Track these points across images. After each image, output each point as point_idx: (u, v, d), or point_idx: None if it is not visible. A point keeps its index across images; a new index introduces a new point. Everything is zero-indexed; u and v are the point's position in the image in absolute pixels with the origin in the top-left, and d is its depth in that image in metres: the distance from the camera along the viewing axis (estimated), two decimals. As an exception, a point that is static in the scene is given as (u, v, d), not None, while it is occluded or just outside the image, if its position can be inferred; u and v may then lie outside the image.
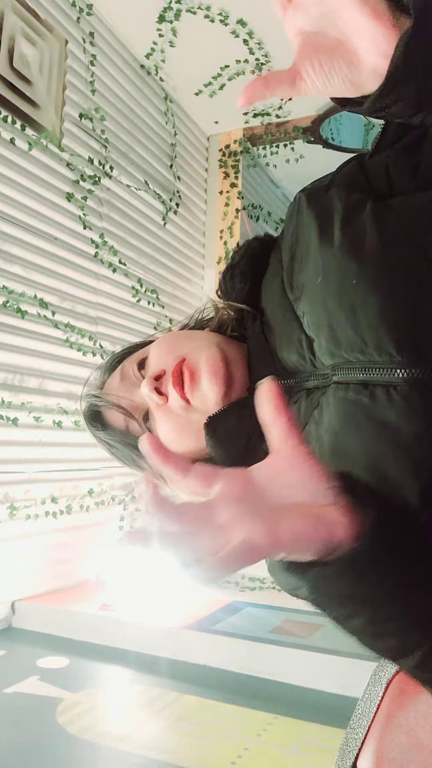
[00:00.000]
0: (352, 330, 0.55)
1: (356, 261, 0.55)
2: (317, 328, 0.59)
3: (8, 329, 2.00)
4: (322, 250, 0.59)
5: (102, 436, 0.78)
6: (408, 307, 0.53)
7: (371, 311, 0.53)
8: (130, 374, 0.75)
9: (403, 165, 0.59)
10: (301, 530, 0.39)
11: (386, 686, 0.62)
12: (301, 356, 0.63)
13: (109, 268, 2.48)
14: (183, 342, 0.73)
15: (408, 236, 0.54)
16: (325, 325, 0.58)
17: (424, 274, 0.53)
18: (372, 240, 0.55)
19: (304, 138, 3.13)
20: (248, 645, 1.68)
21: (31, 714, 1.37)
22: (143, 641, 1.78)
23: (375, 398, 0.54)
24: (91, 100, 2.42)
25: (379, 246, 0.54)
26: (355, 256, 0.55)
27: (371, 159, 0.63)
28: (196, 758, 1.21)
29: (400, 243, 0.54)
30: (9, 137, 2.00)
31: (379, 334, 0.53)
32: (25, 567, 2.06)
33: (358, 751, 0.61)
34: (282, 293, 0.66)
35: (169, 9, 2.45)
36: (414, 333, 0.52)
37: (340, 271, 0.56)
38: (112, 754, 1.22)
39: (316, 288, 0.59)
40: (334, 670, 1.53)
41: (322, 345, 0.59)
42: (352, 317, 0.55)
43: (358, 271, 0.55)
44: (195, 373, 0.68)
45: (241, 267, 0.75)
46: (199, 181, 3.28)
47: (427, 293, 0.52)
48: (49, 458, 2.16)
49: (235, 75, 2.79)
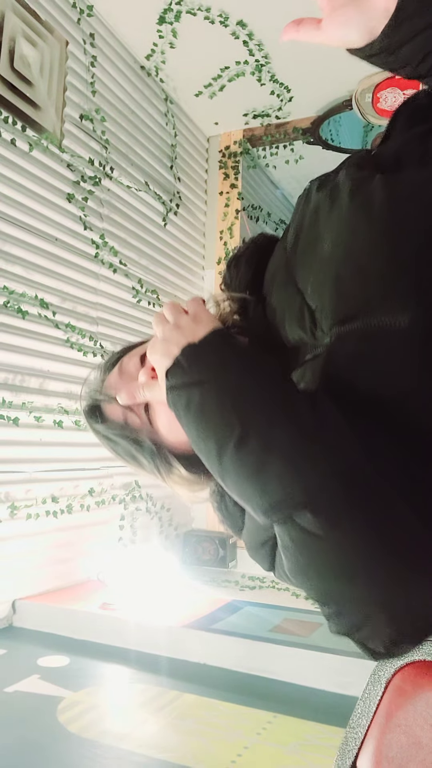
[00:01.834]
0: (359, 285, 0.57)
1: (365, 220, 0.57)
2: (320, 291, 0.61)
3: (9, 329, 2.01)
4: (331, 218, 0.61)
5: (101, 430, 0.79)
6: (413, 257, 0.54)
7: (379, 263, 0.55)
8: (130, 368, 0.76)
9: (411, 149, 0.61)
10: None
11: (386, 685, 0.63)
12: (302, 328, 0.64)
13: (110, 268, 2.49)
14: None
15: (415, 199, 0.56)
16: (330, 285, 0.59)
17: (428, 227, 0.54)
18: (379, 200, 0.57)
19: (304, 139, 3.14)
20: (248, 644, 1.69)
21: (32, 713, 1.38)
22: (143, 640, 1.78)
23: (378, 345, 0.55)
24: (92, 101, 2.42)
25: (387, 204, 0.56)
26: (364, 214, 0.57)
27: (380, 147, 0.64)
28: (196, 756, 1.21)
29: (407, 205, 0.56)
30: (10, 138, 2.01)
31: (386, 282, 0.55)
32: (26, 566, 2.07)
33: (358, 750, 0.61)
34: (285, 270, 0.67)
35: (170, 10, 2.46)
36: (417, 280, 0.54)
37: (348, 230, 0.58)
38: (113, 753, 1.22)
39: (321, 254, 0.61)
40: (333, 669, 1.54)
41: (325, 307, 0.60)
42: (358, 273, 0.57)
43: (366, 228, 0.57)
44: None
45: (247, 256, 0.77)
46: (199, 182, 3.28)
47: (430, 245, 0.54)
48: (49, 458, 2.16)
49: (235, 76, 2.79)
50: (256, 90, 2.90)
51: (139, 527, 2.61)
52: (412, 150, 0.61)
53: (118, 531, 2.49)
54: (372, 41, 0.53)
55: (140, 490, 2.63)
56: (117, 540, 2.49)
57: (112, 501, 2.45)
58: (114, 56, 2.58)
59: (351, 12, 0.53)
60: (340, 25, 0.54)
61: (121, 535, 2.50)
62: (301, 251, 0.65)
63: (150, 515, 2.70)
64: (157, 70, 2.79)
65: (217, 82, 2.84)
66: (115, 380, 0.77)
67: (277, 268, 0.69)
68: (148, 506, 2.68)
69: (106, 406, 0.78)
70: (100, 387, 0.80)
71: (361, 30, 0.53)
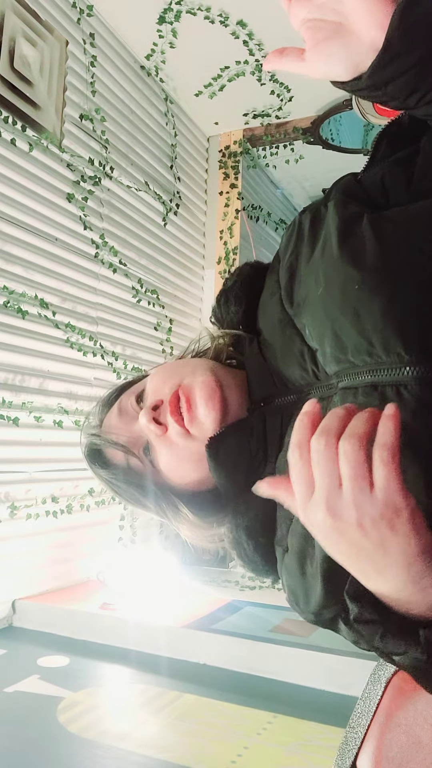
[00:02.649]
0: (357, 333, 0.55)
1: (357, 268, 0.55)
2: (320, 337, 0.59)
3: (9, 329, 2.01)
4: (323, 262, 0.59)
5: (104, 475, 0.76)
6: (412, 306, 0.53)
7: (376, 313, 0.54)
8: (128, 408, 0.74)
9: (396, 177, 0.60)
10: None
11: (386, 685, 0.63)
12: (304, 369, 0.63)
13: (110, 268, 2.49)
14: (178, 370, 0.72)
15: (406, 243, 0.55)
16: (329, 333, 0.58)
17: (426, 276, 0.53)
18: (371, 248, 0.55)
19: (304, 139, 3.13)
20: (248, 644, 1.69)
21: (32, 713, 1.38)
22: (143, 640, 1.78)
23: (386, 399, 0.53)
24: (92, 101, 2.42)
25: (379, 253, 0.55)
26: (356, 263, 0.56)
27: (366, 173, 0.63)
28: (196, 757, 1.21)
29: (399, 250, 0.55)
30: (10, 138, 2.00)
31: (386, 334, 0.53)
32: (26, 566, 2.07)
33: (358, 750, 0.61)
34: (281, 310, 0.66)
35: (170, 10, 2.46)
36: (420, 331, 0.53)
37: (342, 279, 0.57)
38: (113, 753, 1.22)
39: (317, 299, 0.59)
40: (333, 669, 1.54)
41: (326, 353, 0.59)
42: (357, 321, 0.55)
43: (359, 277, 0.55)
44: (191, 399, 0.67)
45: (236, 291, 0.75)
46: (199, 181, 3.28)
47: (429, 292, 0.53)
48: (49, 458, 2.16)
49: (235, 76, 2.79)
50: (256, 90, 2.90)
51: (139, 527, 2.61)
52: (396, 178, 0.60)
53: (118, 531, 2.49)
54: (359, 76, 0.51)
55: (140, 490, 2.62)
56: (117, 540, 2.49)
57: (112, 501, 2.45)
58: (114, 56, 2.58)
59: (336, 46, 0.50)
60: (324, 58, 0.51)
61: (121, 535, 2.50)
62: (296, 288, 0.64)
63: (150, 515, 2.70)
64: (157, 70, 2.79)
65: (217, 81, 2.84)
66: (114, 421, 0.75)
67: (272, 309, 0.68)
68: (148, 506, 2.68)
69: (107, 450, 0.76)
70: (99, 428, 0.78)
71: (346, 65, 0.51)
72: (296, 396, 0.64)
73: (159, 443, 0.70)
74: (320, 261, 0.60)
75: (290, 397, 0.65)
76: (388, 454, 0.41)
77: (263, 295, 0.72)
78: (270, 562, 0.67)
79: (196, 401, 0.67)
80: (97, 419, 0.79)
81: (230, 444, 0.66)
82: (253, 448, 0.65)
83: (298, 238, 0.65)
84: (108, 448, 0.75)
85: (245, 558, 0.69)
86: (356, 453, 0.42)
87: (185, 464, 0.70)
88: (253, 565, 0.69)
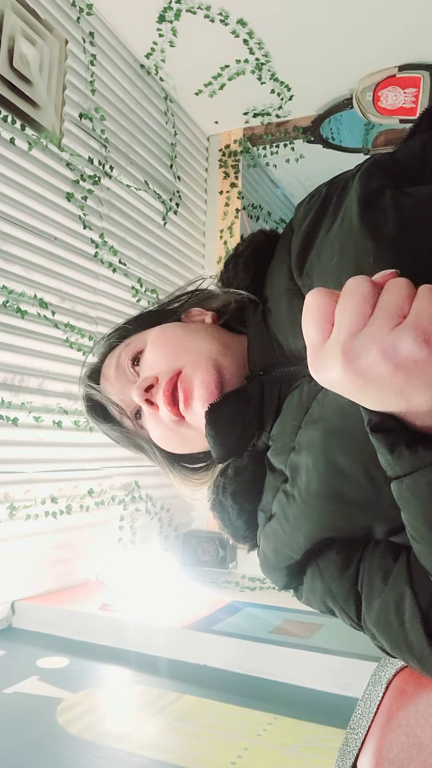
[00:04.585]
0: None
1: (374, 242, 0.55)
2: None
3: (8, 329, 2.00)
4: (341, 232, 0.59)
5: (101, 427, 0.80)
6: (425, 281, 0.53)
7: None
8: (125, 367, 0.74)
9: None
10: None
11: (386, 686, 0.62)
12: None
13: (109, 268, 2.48)
14: (181, 348, 0.70)
15: (425, 219, 0.55)
16: None
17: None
18: (390, 224, 0.55)
19: (305, 138, 3.13)
20: (248, 645, 1.68)
21: (32, 714, 1.37)
22: (143, 641, 1.78)
23: None
24: (91, 99, 2.42)
25: (397, 227, 0.55)
26: (373, 236, 0.55)
27: (404, 143, 0.63)
28: (196, 758, 1.21)
29: (417, 227, 0.54)
30: (9, 137, 2.00)
31: None
32: (25, 567, 2.06)
33: (358, 751, 0.61)
34: (289, 280, 0.65)
35: (169, 9, 2.45)
36: None
37: (357, 251, 0.56)
38: (112, 754, 1.22)
39: (330, 268, 0.59)
40: (333, 670, 1.53)
41: None
42: None
43: (375, 251, 0.55)
44: (188, 393, 0.66)
45: (245, 257, 0.74)
46: (199, 181, 3.28)
47: None
48: (49, 458, 2.16)
49: (235, 75, 2.79)
50: (256, 88, 2.89)
51: (139, 528, 2.61)
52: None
53: (117, 532, 2.49)
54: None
55: (140, 491, 2.62)
56: (116, 541, 2.48)
57: (111, 501, 2.45)
58: (114, 55, 2.57)
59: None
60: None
61: (120, 536, 2.49)
62: (309, 258, 0.63)
63: (150, 516, 2.69)
64: (156, 69, 2.79)
65: (217, 80, 2.84)
66: (111, 374, 0.76)
67: (280, 278, 0.67)
68: (147, 507, 2.67)
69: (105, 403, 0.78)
70: (97, 377, 0.79)
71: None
72: (296, 367, 0.64)
73: (150, 419, 0.71)
74: (338, 232, 0.59)
75: (291, 368, 0.64)
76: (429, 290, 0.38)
77: (272, 264, 0.71)
78: (251, 528, 0.68)
79: (194, 396, 0.66)
80: (95, 364, 0.81)
81: (228, 413, 0.66)
82: (248, 416, 0.65)
83: (320, 208, 0.64)
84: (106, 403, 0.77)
85: (227, 522, 0.69)
86: (402, 287, 0.39)
87: (173, 441, 0.72)
88: (234, 530, 0.70)
